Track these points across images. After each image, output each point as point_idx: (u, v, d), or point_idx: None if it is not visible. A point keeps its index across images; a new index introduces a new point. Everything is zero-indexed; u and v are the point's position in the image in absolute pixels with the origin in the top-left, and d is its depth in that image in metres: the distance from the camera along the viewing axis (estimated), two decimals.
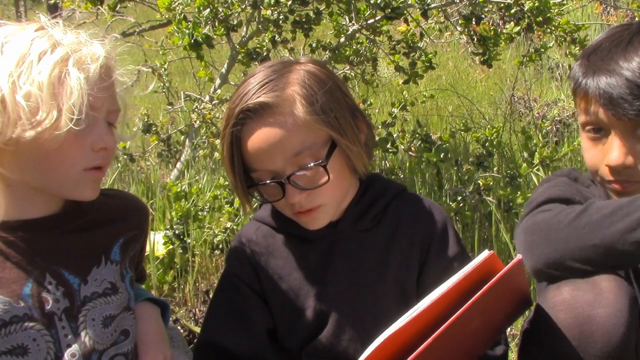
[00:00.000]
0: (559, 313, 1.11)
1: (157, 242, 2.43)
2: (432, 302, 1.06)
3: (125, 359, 1.21)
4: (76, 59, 1.08)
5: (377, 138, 2.63)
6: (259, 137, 1.18)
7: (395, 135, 2.71)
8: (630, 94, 1.13)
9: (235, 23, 2.71)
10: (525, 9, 2.58)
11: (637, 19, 4.59)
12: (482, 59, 2.77)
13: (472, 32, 2.73)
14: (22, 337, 1.09)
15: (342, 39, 2.96)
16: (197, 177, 3.14)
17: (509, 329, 1.98)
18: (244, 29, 2.95)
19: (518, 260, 1.09)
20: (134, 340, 1.23)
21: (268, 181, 1.21)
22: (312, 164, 1.19)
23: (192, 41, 2.51)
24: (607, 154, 1.20)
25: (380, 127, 2.85)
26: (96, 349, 1.17)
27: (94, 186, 1.15)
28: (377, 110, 4.15)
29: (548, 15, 2.58)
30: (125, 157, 3.25)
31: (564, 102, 4.52)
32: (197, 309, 2.31)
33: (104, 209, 1.23)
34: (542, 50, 2.86)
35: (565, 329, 1.10)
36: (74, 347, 1.14)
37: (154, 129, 3.33)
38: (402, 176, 2.90)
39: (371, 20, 2.80)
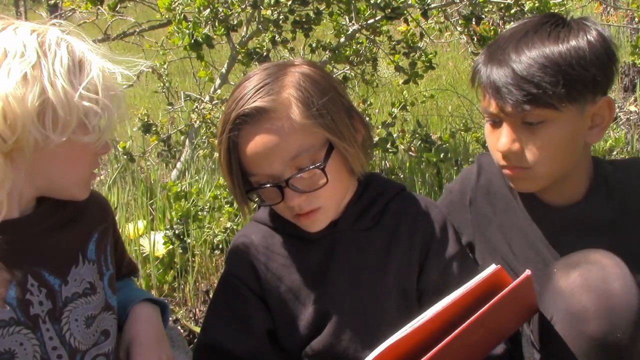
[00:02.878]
0: (582, 296, 1.12)
1: (157, 242, 2.43)
2: (436, 313, 1.06)
3: (107, 359, 1.20)
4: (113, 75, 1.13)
5: (377, 138, 2.63)
6: (256, 142, 1.18)
7: (395, 135, 2.71)
8: (514, 85, 1.20)
9: (235, 23, 2.71)
10: (526, 9, 2.58)
11: (637, 19, 4.58)
12: None
13: (472, 32, 2.73)
14: (9, 342, 1.08)
15: (342, 39, 2.96)
16: (197, 177, 3.14)
17: None
18: (244, 29, 2.95)
19: (526, 276, 1.09)
20: (114, 340, 1.23)
21: (267, 185, 1.21)
22: (310, 167, 1.19)
23: (192, 41, 2.51)
24: (498, 140, 1.28)
25: (380, 127, 2.85)
26: (80, 350, 1.16)
27: (89, 188, 1.20)
28: (377, 110, 4.15)
29: None
30: (125, 157, 3.25)
31: None
32: (197, 309, 2.31)
33: (69, 207, 1.22)
34: None
35: (593, 308, 1.11)
36: (60, 349, 1.13)
37: (154, 129, 3.32)
38: (402, 176, 2.90)
39: (371, 20, 2.80)
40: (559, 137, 1.24)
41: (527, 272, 1.09)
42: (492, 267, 1.11)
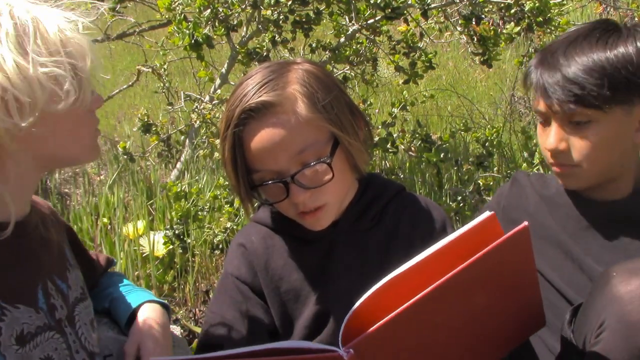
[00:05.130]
0: None
1: (157, 242, 2.43)
2: (422, 261, 1.00)
3: None
4: (65, 24, 1.01)
5: (377, 138, 2.63)
6: (262, 137, 1.18)
7: (395, 135, 2.71)
8: (560, 85, 1.27)
9: (235, 23, 2.71)
10: (526, 9, 2.58)
11: (636, 19, 4.58)
12: (482, 59, 2.77)
13: (472, 32, 2.72)
14: (47, 347, 1.05)
15: (342, 39, 2.96)
16: (197, 177, 3.14)
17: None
18: (244, 29, 2.95)
19: (524, 226, 1.03)
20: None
21: (271, 181, 1.21)
22: (316, 162, 1.19)
23: (192, 41, 2.51)
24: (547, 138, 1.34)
25: (380, 127, 2.85)
26: (96, 353, 1.15)
27: (98, 146, 1.12)
28: (377, 110, 4.15)
29: (548, 15, 2.58)
30: (125, 157, 3.25)
31: None
32: (197, 309, 2.31)
33: (34, 213, 1.15)
34: None
35: None
36: (82, 353, 1.12)
37: (154, 129, 3.32)
38: (402, 176, 2.90)
39: (371, 20, 2.80)
40: (604, 137, 1.28)
41: (525, 223, 1.04)
42: (486, 214, 1.04)
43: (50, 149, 1.04)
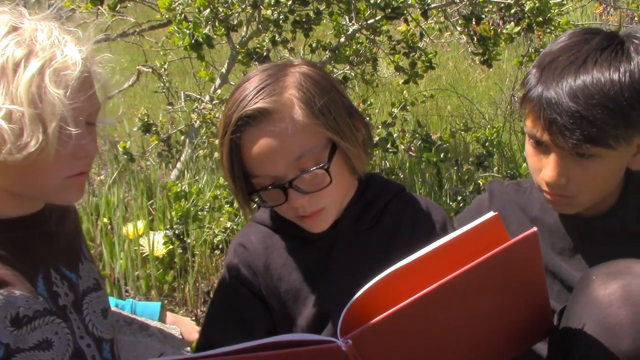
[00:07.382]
0: (620, 310, 1.08)
1: (157, 242, 2.43)
2: (423, 256, 0.99)
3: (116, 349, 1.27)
4: (52, 71, 0.99)
5: (377, 138, 2.63)
6: (260, 144, 1.18)
7: (395, 135, 2.71)
8: (575, 124, 1.15)
9: (235, 23, 2.71)
10: (526, 9, 2.58)
11: (636, 19, 4.58)
12: (482, 59, 2.77)
13: (472, 32, 2.72)
14: (45, 331, 1.10)
15: (342, 39, 2.96)
16: (197, 177, 3.14)
17: None
18: (244, 29, 2.94)
19: (533, 232, 1.00)
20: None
21: (270, 186, 1.21)
22: (314, 168, 1.19)
23: (193, 41, 2.51)
24: (544, 167, 1.25)
25: (380, 127, 2.85)
26: (105, 339, 1.21)
27: (78, 190, 1.12)
28: (377, 110, 4.14)
29: (548, 15, 2.58)
30: (125, 157, 3.25)
31: None
32: (197, 309, 2.31)
33: (55, 209, 1.21)
34: (542, 50, 2.86)
35: (629, 324, 1.08)
36: (86, 339, 1.17)
37: (154, 129, 3.32)
38: (402, 176, 2.89)
39: (371, 20, 2.79)
40: (607, 171, 1.23)
41: (534, 228, 1.01)
42: (490, 214, 1.01)
43: (11, 185, 1.08)
